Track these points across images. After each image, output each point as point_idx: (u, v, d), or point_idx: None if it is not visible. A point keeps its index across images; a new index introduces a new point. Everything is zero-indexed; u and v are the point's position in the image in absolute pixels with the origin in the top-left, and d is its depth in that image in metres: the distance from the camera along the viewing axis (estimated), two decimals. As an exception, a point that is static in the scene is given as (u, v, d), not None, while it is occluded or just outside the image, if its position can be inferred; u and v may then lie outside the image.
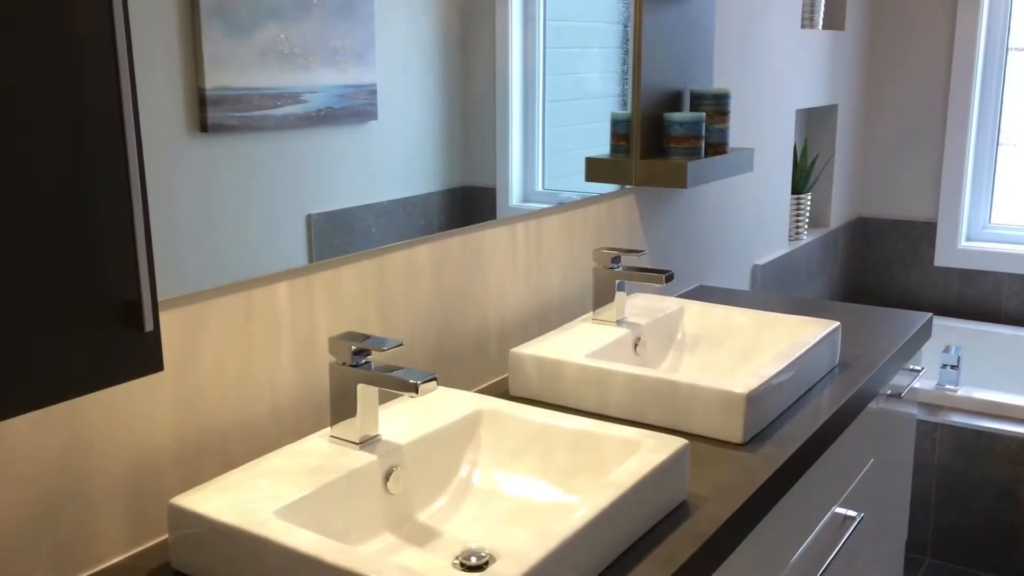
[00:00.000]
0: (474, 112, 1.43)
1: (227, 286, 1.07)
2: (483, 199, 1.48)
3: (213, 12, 1.02)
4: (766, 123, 2.45)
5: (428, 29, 1.30)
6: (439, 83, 1.34)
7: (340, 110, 1.18)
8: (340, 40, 1.17)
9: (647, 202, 1.94)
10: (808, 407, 1.41)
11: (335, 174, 1.19)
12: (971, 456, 2.25)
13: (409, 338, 1.34)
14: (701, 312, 1.69)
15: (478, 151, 1.45)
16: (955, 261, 3.03)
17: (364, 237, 1.25)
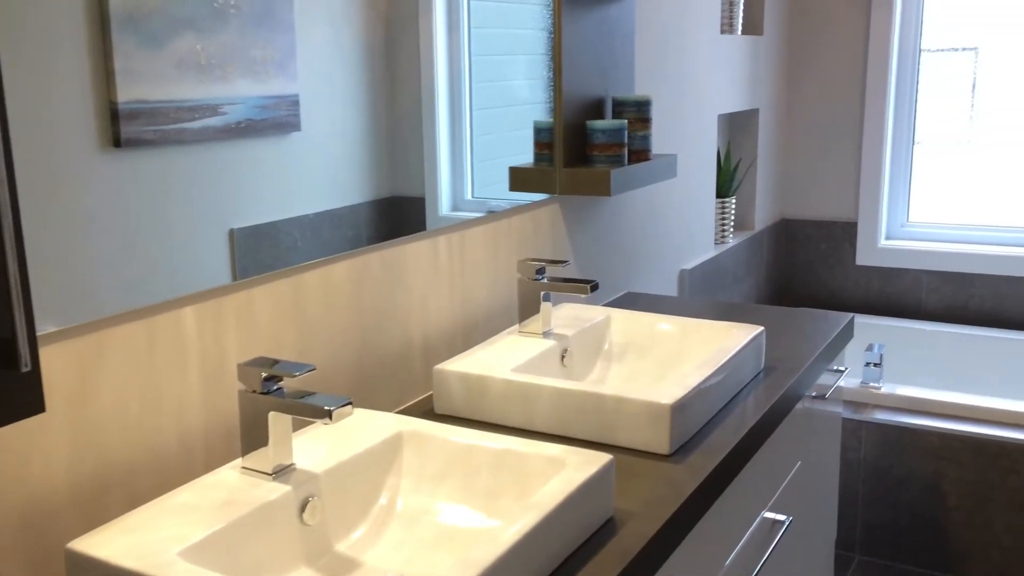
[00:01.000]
0: (401, 121, 1.41)
1: (129, 313, 1.01)
2: (412, 209, 1.46)
3: (124, 23, 0.98)
4: (689, 128, 2.46)
5: (351, 38, 1.29)
6: (364, 92, 1.32)
7: (261, 122, 1.16)
8: (259, 50, 1.15)
9: (572, 211, 1.93)
10: (734, 414, 1.41)
11: (258, 187, 1.16)
12: (896, 452, 2.30)
13: (328, 360, 1.30)
14: (628, 320, 1.68)
15: (406, 161, 1.44)
16: (875, 260, 3.10)
17: (290, 251, 1.22)
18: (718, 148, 2.87)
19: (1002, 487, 2.19)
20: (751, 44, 2.81)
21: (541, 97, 1.80)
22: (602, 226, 2.06)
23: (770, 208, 3.15)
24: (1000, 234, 2.99)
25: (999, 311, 2.93)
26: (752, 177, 2.98)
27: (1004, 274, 2.90)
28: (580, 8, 1.84)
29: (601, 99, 1.97)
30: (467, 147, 1.61)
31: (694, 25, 2.41)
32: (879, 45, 2.98)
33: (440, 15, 1.49)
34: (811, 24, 3.09)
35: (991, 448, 2.19)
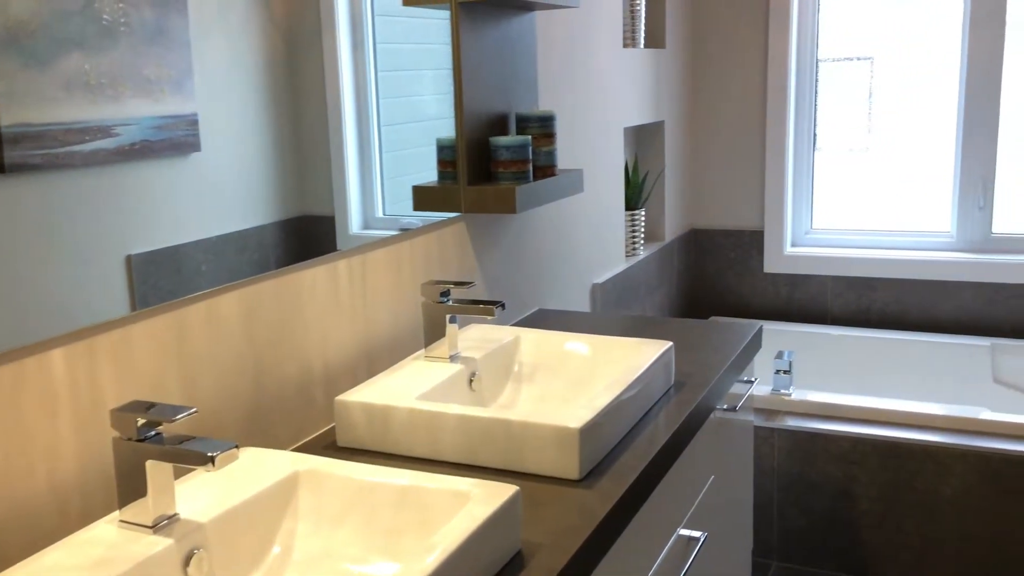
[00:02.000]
0: (307, 139, 1.38)
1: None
2: (322, 228, 1.43)
3: (6, 44, 0.93)
4: (595, 142, 2.46)
5: (251, 54, 1.25)
6: (267, 110, 1.29)
7: (158, 142, 1.12)
8: (153, 68, 1.11)
9: (479, 229, 1.89)
10: (645, 433, 1.39)
11: (157, 211, 1.12)
12: (808, 458, 2.33)
13: (219, 397, 1.23)
14: (537, 340, 1.65)
15: (314, 179, 1.40)
16: (782, 267, 3.16)
17: (194, 276, 1.18)
18: (626, 161, 2.87)
19: (910, 489, 2.24)
20: (654, 57, 2.84)
21: (449, 113, 1.77)
22: (511, 243, 2.03)
23: (679, 219, 3.18)
24: (899, 238, 3.08)
25: (901, 314, 3.02)
26: (660, 189, 3.00)
27: (905, 277, 2.98)
28: (479, 24, 1.81)
29: (505, 115, 1.94)
30: (376, 164, 1.59)
31: (596, 40, 2.41)
32: (778, 56, 3.04)
33: (344, 31, 1.47)
34: (712, 37, 3.14)
35: (899, 451, 2.23)
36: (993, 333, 2.90)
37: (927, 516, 2.23)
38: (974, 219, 2.95)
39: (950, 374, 2.86)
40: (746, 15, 3.08)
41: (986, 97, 2.86)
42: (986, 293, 2.89)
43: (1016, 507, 2.14)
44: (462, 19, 1.75)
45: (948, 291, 2.94)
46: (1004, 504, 2.15)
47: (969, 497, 2.18)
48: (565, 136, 2.27)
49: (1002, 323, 2.88)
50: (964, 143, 2.91)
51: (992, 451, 2.14)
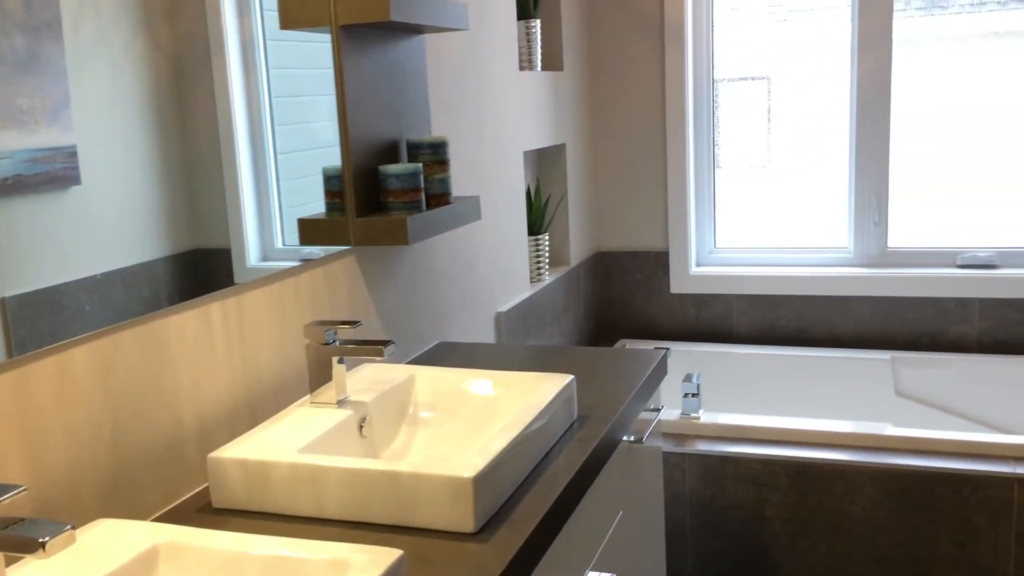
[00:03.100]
0: (198, 168, 1.33)
1: None
2: (217, 261, 1.36)
3: None
4: (495, 167, 2.40)
5: (135, 83, 1.19)
6: (153, 138, 1.23)
7: (33, 176, 1.05)
8: (26, 99, 1.04)
9: (371, 262, 1.80)
10: (546, 474, 1.32)
11: (35, 249, 1.04)
12: (719, 482, 2.30)
13: (71, 467, 1.10)
14: (433, 378, 1.57)
15: (207, 210, 1.35)
16: (688, 287, 3.15)
17: (77, 316, 1.10)
18: (527, 185, 2.82)
19: (820, 508, 2.23)
20: (552, 80, 2.80)
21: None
22: (407, 275, 1.94)
23: (585, 242, 3.15)
24: (799, 255, 3.11)
25: (804, 330, 3.04)
26: (564, 212, 2.96)
27: (806, 294, 3.01)
28: (363, 47, 1.73)
29: (395, 142, 1.86)
30: (274, 193, 1.52)
31: (491, 62, 2.36)
32: (674, 77, 3.05)
33: (235, 55, 1.42)
34: (609, 59, 3.13)
35: (808, 471, 2.22)
36: (893, 346, 2.95)
37: (838, 535, 2.22)
38: (870, 234, 3.00)
39: (854, 388, 2.89)
40: (642, 37, 3.08)
41: (876, 114, 2.91)
42: (884, 307, 2.94)
43: (924, 522, 2.15)
44: (344, 42, 1.66)
45: (848, 306, 2.98)
46: (912, 520, 2.16)
47: (878, 514, 2.18)
48: (462, 162, 2.20)
49: (901, 336, 2.93)
50: (857, 160, 2.97)
51: (898, 467, 2.15)
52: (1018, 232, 2.91)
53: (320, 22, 1.63)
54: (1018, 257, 2.87)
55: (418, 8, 1.69)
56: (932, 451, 2.20)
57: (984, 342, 2.86)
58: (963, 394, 2.80)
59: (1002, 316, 2.83)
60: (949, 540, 2.14)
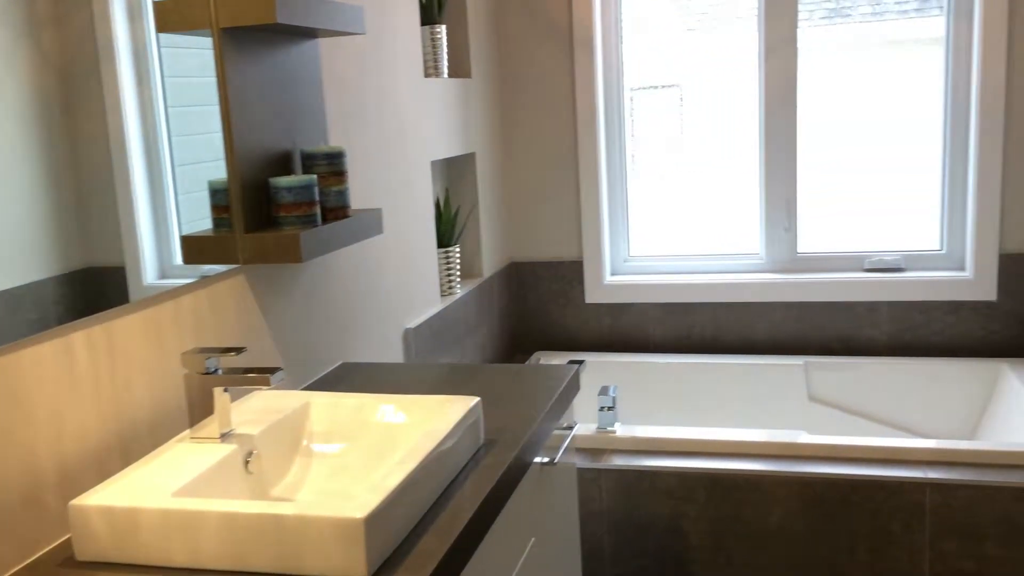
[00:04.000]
0: (89, 182, 1.26)
1: None
2: (111, 280, 1.29)
3: None
4: (400, 178, 2.30)
5: (15, 88, 1.13)
6: (39, 151, 1.16)
7: None
8: None
9: (263, 281, 1.68)
10: (450, 507, 1.23)
11: None
12: (636, 497, 2.25)
13: (-101, 520, 0.97)
14: (330, 405, 1.47)
15: (99, 227, 1.28)
16: (603, 297, 3.11)
17: None
18: (436, 196, 2.74)
19: (737, 520, 2.20)
20: (461, 87, 2.72)
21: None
22: (304, 294, 1.83)
23: (497, 253, 3.07)
24: (712, 262, 3.10)
25: (719, 337, 3.03)
26: (475, 223, 2.88)
27: (719, 301, 3.00)
28: (249, 53, 1.62)
29: (288, 153, 1.75)
30: (171, 207, 1.45)
31: (394, 69, 2.26)
32: (585, 85, 3.01)
33: (126, 63, 1.35)
34: (519, 66, 3.07)
35: (724, 482, 2.19)
36: (806, 351, 2.96)
37: (755, 546, 2.19)
38: (780, 240, 3.01)
39: (769, 395, 2.89)
40: (551, 44, 3.03)
41: (783, 121, 2.93)
42: (796, 312, 2.95)
43: (840, 530, 2.14)
44: (227, 46, 1.55)
45: (761, 312, 2.98)
46: (828, 528, 2.14)
47: (794, 524, 2.16)
48: (363, 173, 2.10)
49: (813, 341, 2.95)
50: (766, 166, 2.97)
51: (812, 476, 2.14)
52: (922, 235, 2.96)
53: (199, 24, 1.52)
54: (923, 260, 2.91)
55: (308, 10, 1.59)
56: (846, 458, 2.19)
57: (893, 345, 2.89)
58: (874, 397, 2.82)
59: (909, 319, 2.86)
60: (865, 547, 2.13)
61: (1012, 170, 2.72)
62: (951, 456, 2.13)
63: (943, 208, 2.89)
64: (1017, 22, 2.64)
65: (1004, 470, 2.08)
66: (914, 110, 2.93)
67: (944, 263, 2.89)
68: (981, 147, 2.72)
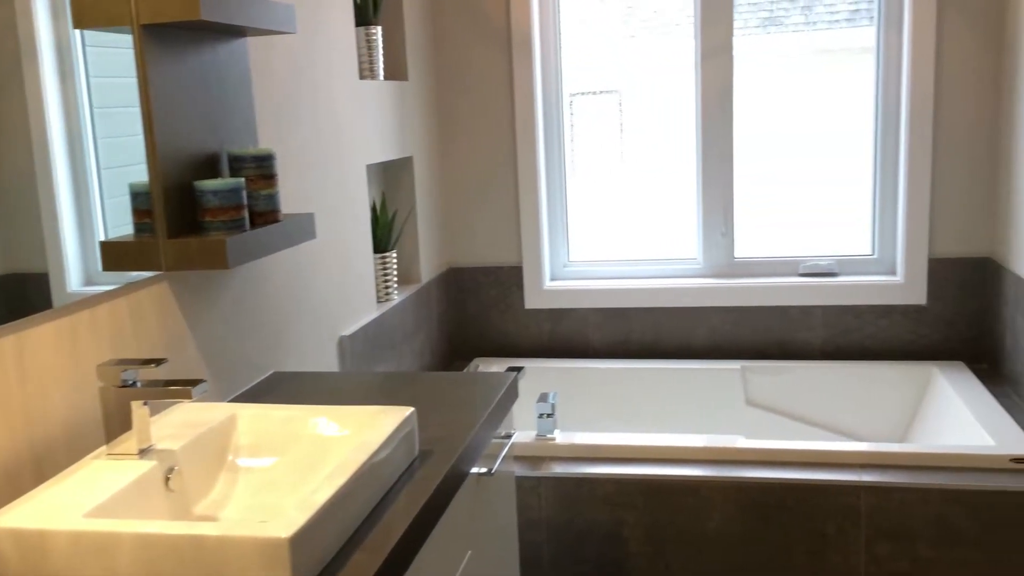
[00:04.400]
0: (11, 186, 1.22)
1: None
2: (34, 287, 1.24)
3: None
4: (334, 182, 2.25)
5: None
6: None
7: None
8: None
9: (189, 289, 1.62)
10: (383, 522, 1.19)
11: None
12: (575, 504, 2.23)
13: None
14: (258, 417, 1.41)
15: (20, 232, 1.24)
16: (543, 302, 3.09)
17: None
18: (372, 200, 2.69)
19: (675, 526, 2.19)
20: (397, 90, 2.68)
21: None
22: (233, 301, 1.77)
23: (436, 258, 3.03)
24: (651, 267, 3.11)
25: (657, 342, 3.03)
26: (413, 227, 2.84)
27: (658, 305, 3.00)
28: (173, 51, 1.55)
29: (215, 155, 1.69)
30: (97, 211, 1.40)
31: (328, 71, 2.21)
32: (523, 90, 2.99)
33: (49, 61, 1.30)
34: (457, 70, 3.04)
35: (662, 488, 2.18)
36: (743, 355, 2.98)
37: (694, 552, 2.19)
38: (718, 245, 3.03)
39: (707, 399, 2.90)
40: (490, 47, 3.00)
41: (720, 127, 2.95)
42: (733, 316, 2.97)
43: (777, 534, 2.15)
44: (148, 44, 1.49)
45: (699, 316, 2.99)
46: (766, 532, 2.15)
47: (732, 529, 2.16)
48: (297, 177, 2.04)
49: (750, 345, 2.97)
50: (704, 171, 2.99)
51: (749, 480, 2.14)
52: (855, 241, 3.00)
53: (119, 20, 1.45)
54: (856, 265, 2.96)
55: (235, 7, 1.53)
56: (782, 462, 2.21)
57: (827, 349, 2.93)
58: (809, 401, 2.86)
59: (843, 323, 2.90)
60: (802, 550, 2.15)
61: (941, 176, 2.78)
62: (884, 459, 2.16)
63: (874, 213, 2.94)
64: (945, 31, 2.70)
65: (936, 472, 2.11)
66: (847, 118, 2.98)
67: (876, 268, 2.95)
68: (911, 154, 2.77)
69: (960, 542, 2.06)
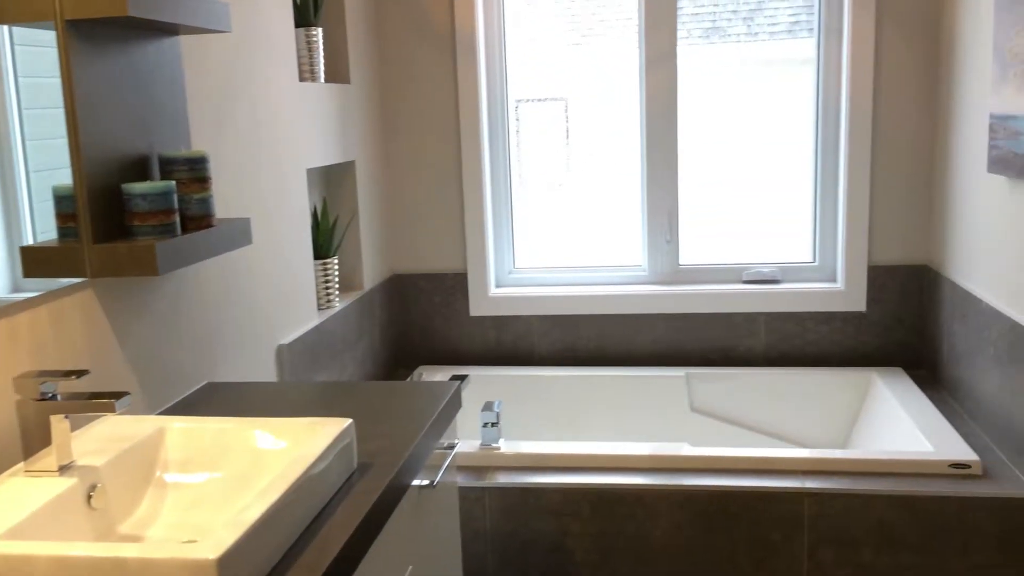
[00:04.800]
0: None
1: None
2: None
3: None
4: (273, 186, 2.19)
5: None
6: None
7: None
8: None
9: (117, 297, 1.55)
10: (318, 538, 1.14)
11: None
12: (520, 515, 2.20)
13: None
14: (188, 431, 1.35)
15: None
16: (488, 309, 3.06)
17: None
18: (313, 205, 2.63)
19: (622, 535, 2.17)
20: (339, 93, 2.62)
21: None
22: (165, 309, 1.70)
23: (379, 264, 2.98)
24: (597, 274, 3.10)
25: (603, 349, 3.02)
26: (355, 233, 2.78)
27: (604, 313, 2.99)
28: (100, 48, 1.49)
29: (146, 157, 1.62)
30: (25, 216, 1.35)
31: (266, 72, 2.15)
32: (468, 95, 2.96)
33: None
34: (401, 73, 2.99)
35: (608, 497, 2.16)
36: (687, 362, 2.98)
37: (640, 562, 2.18)
38: (663, 252, 3.04)
39: (652, 406, 2.90)
40: (434, 53, 2.96)
41: (665, 134, 2.95)
42: (677, 324, 2.97)
43: (722, 542, 2.14)
44: (73, 40, 1.42)
45: (644, 324, 2.99)
46: (711, 540, 2.15)
47: (678, 537, 2.15)
48: (233, 181, 1.98)
49: (695, 352, 2.98)
50: (648, 178, 2.99)
51: (694, 488, 2.14)
52: (797, 248, 3.03)
53: (42, 16, 1.39)
54: (798, 272, 2.99)
55: (164, 4, 1.47)
56: (726, 469, 2.20)
57: (770, 355, 2.95)
58: (753, 407, 2.87)
59: (785, 329, 2.93)
60: (747, 558, 2.15)
61: (879, 185, 2.83)
62: (828, 465, 2.17)
63: (815, 221, 2.97)
64: (883, 42, 2.75)
65: (878, 478, 2.13)
66: (789, 127, 3.01)
67: (817, 275, 2.98)
68: (850, 163, 2.81)
69: (902, 548, 2.08)
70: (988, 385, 2.30)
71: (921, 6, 2.72)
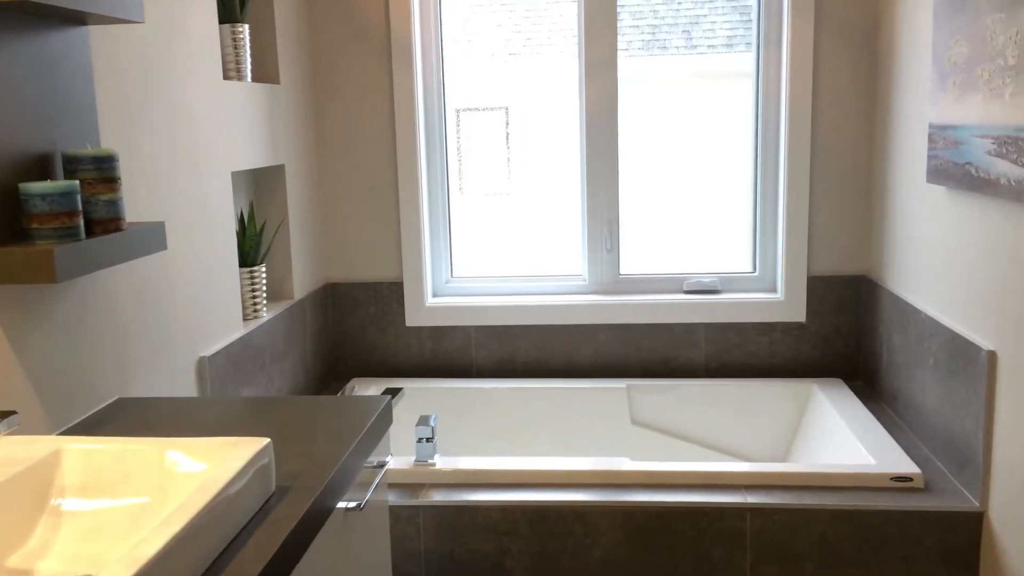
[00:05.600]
0: None
1: None
2: None
3: None
4: (195, 189, 2.07)
5: None
6: None
7: None
8: None
9: (12, 305, 1.42)
10: (228, 570, 1.04)
11: None
12: (457, 534, 2.11)
13: None
14: (88, 453, 1.23)
15: None
16: (425, 319, 2.97)
17: None
18: (239, 210, 2.51)
19: (562, 554, 2.10)
20: (267, 93, 2.51)
21: None
22: (69, 320, 1.57)
23: (311, 273, 2.86)
24: (536, 283, 3.03)
25: (543, 360, 2.95)
26: (285, 240, 2.66)
27: (543, 323, 2.92)
28: (-6, 33, 1.36)
29: (48, 155, 1.50)
30: None
31: (186, 68, 2.03)
32: (404, 101, 2.87)
33: None
34: (335, 75, 2.89)
35: (548, 514, 2.09)
36: (629, 374, 2.93)
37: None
38: (603, 262, 2.98)
39: (593, 419, 2.84)
40: (369, 56, 2.87)
41: (605, 144, 2.90)
42: (618, 334, 2.92)
43: (664, 559, 2.08)
44: (-38, 24, 1.30)
45: (584, 334, 2.93)
46: (652, 557, 2.08)
47: (619, 554, 2.09)
48: (149, 182, 1.85)
49: (636, 363, 2.92)
50: (589, 188, 2.94)
51: (635, 504, 2.07)
52: (736, 258, 3.01)
53: (-74, -4, 1.26)
54: (738, 282, 2.96)
55: (67, -12, 1.36)
56: (667, 484, 2.15)
57: (711, 366, 2.91)
58: (693, 419, 2.83)
59: (725, 340, 2.89)
60: (688, 575, 2.09)
61: (819, 195, 2.82)
62: (769, 479, 2.13)
63: (755, 232, 2.95)
64: (822, 53, 2.74)
65: (820, 492, 2.09)
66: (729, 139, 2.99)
67: (757, 285, 2.95)
68: (789, 174, 2.79)
69: (844, 562, 2.04)
70: (928, 396, 2.29)
71: (860, 16, 2.72)
